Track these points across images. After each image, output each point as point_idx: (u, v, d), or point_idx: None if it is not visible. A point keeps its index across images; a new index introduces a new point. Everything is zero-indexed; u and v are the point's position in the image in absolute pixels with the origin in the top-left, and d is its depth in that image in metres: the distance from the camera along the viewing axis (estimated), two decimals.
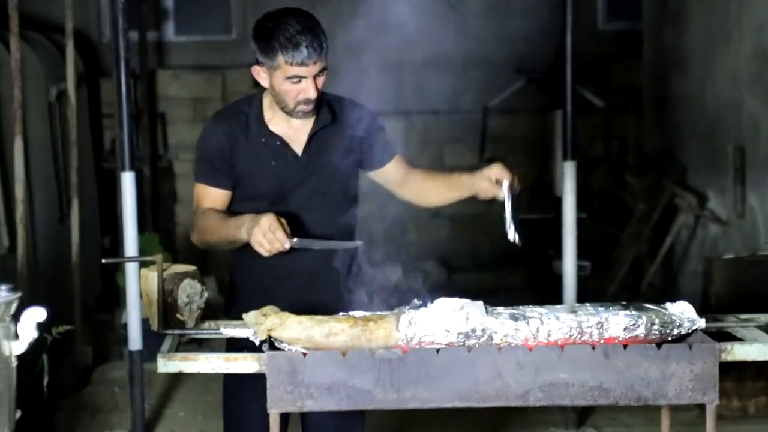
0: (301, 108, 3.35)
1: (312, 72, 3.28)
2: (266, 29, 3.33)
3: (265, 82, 3.38)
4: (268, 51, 3.31)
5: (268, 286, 3.43)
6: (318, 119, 3.45)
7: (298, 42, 3.24)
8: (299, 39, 3.24)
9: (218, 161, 3.41)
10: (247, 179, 3.41)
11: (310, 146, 3.44)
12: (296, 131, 3.45)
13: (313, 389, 2.87)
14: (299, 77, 3.28)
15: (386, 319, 2.96)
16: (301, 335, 2.92)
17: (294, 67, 3.26)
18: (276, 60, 3.29)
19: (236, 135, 3.41)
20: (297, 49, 3.24)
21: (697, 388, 2.91)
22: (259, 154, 3.41)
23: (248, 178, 3.41)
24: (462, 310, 2.93)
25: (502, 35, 8.91)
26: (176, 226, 8.66)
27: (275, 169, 3.41)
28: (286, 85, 3.31)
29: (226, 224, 3.29)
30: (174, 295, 3.10)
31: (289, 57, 3.26)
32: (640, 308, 3.01)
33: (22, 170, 5.38)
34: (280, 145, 3.42)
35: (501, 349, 2.90)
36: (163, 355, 2.97)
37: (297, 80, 3.29)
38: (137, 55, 8.10)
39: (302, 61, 3.25)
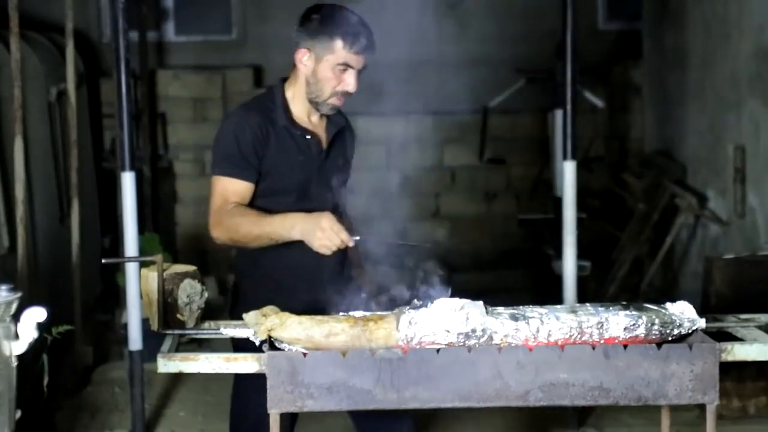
0: (333, 101, 3.40)
1: (359, 65, 3.35)
2: (326, 15, 3.36)
3: (305, 67, 3.40)
4: (323, 35, 3.34)
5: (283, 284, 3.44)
6: (333, 119, 3.51)
7: (359, 32, 3.32)
8: (360, 29, 3.32)
9: (248, 153, 3.37)
10: (274, 173, 3.41)
11: (332, 143, 3.50)
12: (316, 127, 3.49)
13: (314, 389, 2.87)
14: (348, 66, 3.33)
15: (386, 319, 2.96)
16: (301, 335, 2.92)
17: (349, 55, 3.32)
18: (332, 44, 3.33)
19: (266, 128, 3.41)
20: (357, 38, 3.31)
21: (697, 388, 2.91)
22: (287, 147, 3.42)
23: (276, 171, 3.41)
24: (462, 310, 2.93)
25: (502, 35, 8.92)
26: (176, 226, 8.66)
27: (301, 163, 3.43)
28: (331, 72, 3.35)
29: (269, 222, 3.28)
30: (174, 295, 3.10)
31: (348, 43, 3.31)
32: (640, 308, 3.01)
33: (22, 170, 5.38)
34: (308, 140, 3.45)
35: (501, 349, 2.90)
36: (163, 355, 2.97)
37: (343, 69, 3.34)
38: (137, 55, 8.10)
39: (359, 50, 3.32)
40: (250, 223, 3.30)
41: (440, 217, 8.87)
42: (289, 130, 3.42)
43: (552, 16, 5.87)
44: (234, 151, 3.37)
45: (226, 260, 8.72)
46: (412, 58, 8.69)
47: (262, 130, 3.38)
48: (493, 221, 8.84)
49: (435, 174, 8.84)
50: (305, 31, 3.39)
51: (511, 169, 8.75)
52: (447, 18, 8.89)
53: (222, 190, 3.38)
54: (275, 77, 9.93)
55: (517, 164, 8.68)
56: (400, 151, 8.65)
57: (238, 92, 8.69)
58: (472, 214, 8.85)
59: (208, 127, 8.67)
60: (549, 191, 7.72)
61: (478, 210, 8.90)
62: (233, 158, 3.37)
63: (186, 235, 8.65)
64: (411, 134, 8.71)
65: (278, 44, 8.86)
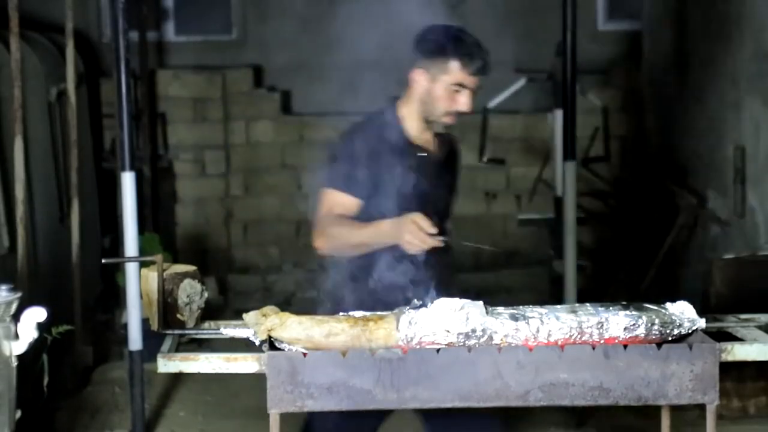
0: (446, 119, 3.50)
1: (473, 85, 3.47)
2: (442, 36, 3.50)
3: (420, 86, 3.49)
4: (439, 56, 3.45)
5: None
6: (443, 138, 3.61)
7: (474, 53, 3.45)
8: (475, 51, 3.46)
9: (359, 170, 3.46)
10: (387, 189, 3.46)
11: (443, 159, 3.59)
12: (428, 144, 3.57)
13: (314, 389, 2.87)
14: (462, 87, 3.44)
15: (386, 319, 2.96)
16: (301, 335, 2.92)
17: (464, 75, 3.44)
18: (448, 65, 3.44)
19: (377, 147, 3.47)
20: (473, 59, 3.44)
21: (697, 388, 2.91)
22: (401, 164, 3.46)
23: (388, 188, 3.46)
24: (462, 310, 2.93)
25: (502, 35, 8.90)
26: (176, 226, 8.66)
27: (415, 180, 3.47)
28: (446, 92, 3.45)
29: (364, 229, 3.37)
30: (174, 295, 3.10)
31: (464, 65, 3.43)
32: (640, 308, 3.01)
33: (22, 170, 5.38)
34: (420, 157, 3.51)
35: (501, 349, 2.90)
36: (163, 355, 2.97)
37: (457, 89, 3.44)
38: (137, 55, 8.10)
39: (474, 71, 3.44)
40: (348, 232, 3.41)
41: None
42: (402, 148, 3.49)
43: (552, 16, 5.88)
44: (345, 168, 3.48)
45: (226, 260, 8.73)
46: (412, 58, 8.70)
47: (374, 148, 3.47)
48: (493, 221, 8.84)
49: None
50: (421, 52, 3.50)
51: (511, 169, 8.75)
52: (447, 18, 8.88)
53: (329, 203, 3.50)
54: (275, 77, 9.94)
55: (517, 164, 8.68)
56: None
57: (238, 92, 8.70)
58: (472, 214, 8.84)
59: (208, 127, 8.67)
60: (549, 191, 7.72)
61: (478, 210, 8.90)
62: (343, 174, 3.48)
63: (186, 235, 8.65)
64: None
65: (278, 44, 8.89)
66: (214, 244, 8.74)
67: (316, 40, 7.88)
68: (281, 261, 8.78)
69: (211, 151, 8.69)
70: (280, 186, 8.76)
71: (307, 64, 8.46)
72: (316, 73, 7.97)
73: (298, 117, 8.79)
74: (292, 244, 8.79)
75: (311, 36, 8.32)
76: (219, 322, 3.24)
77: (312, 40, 8.28)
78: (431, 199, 3.52)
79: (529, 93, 7.90)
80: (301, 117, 8.76)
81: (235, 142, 8.73)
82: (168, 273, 3.11)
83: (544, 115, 7.79)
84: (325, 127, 8.58)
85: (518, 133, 8.80)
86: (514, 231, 8.58)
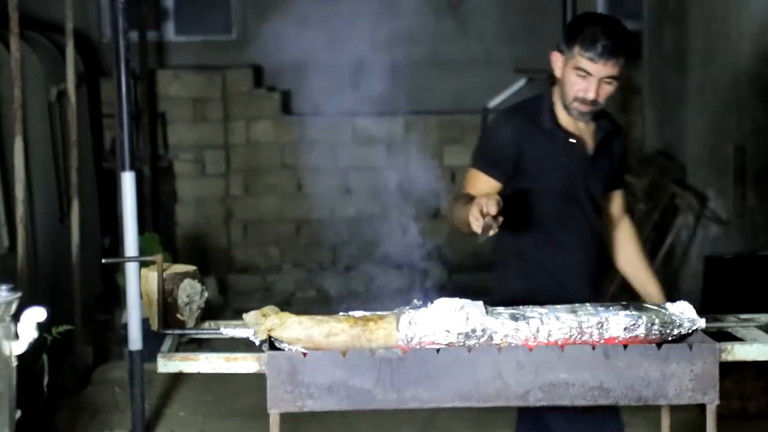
0: (576, 105, 3.46)
1: (598, 73, 3.38)
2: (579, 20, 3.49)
3: (558, 70, 3.49)
4: (570, 39, 3.43)
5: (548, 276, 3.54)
6: (601, 124, 3.57)
7: (597, 38, 3.36)
8: (599, 36, 3.36)
9: (501, 153, 3.50)
10: (535, 174, 3.50)
11: (597, 148, 3.56)
12: (582, 131, 3.56)
13: (314, 389, 2.87)
14: (586, 73, 3.39)
15: (386, 319, 2.96)
16: (301, 335, 2.92)
17: (584, 60, 3.38)
18: (573, 48, 3.40)
19: (527, 131, 3.50)
20: (593, 44, 3.36)
21: (697, 388, 2.91)
22: (550, 150, 3.50)
23: (537, 172, 3.50)
24: (462, 310, 2.93)
25: (502, 35, 8.91)
26: (176, 226, 8.66)
27: (565, 165, 3.51)
28: (572, 76, 3.42)
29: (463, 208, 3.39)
30: (174, 295, 3.10)
31: (584, 48, 3.37)
32: (640, 308, 3.01)
33: (22, 170, 5.38)
34: (571, 143, 3.51)
35: (501, 349, 2.90)
36: (163, 355, 2.97)
37: (583, 75, 3.40)
38: (137, 55, 8.10)
39: (593, 56, 3.36)
40: (456, 208, 3.45)
41: (440, 217, 8.86)
42: (553, 133, 3.51)
43: (552, 16, 5.88)
44: (489, 150, 3.55)
45: (226, 260, 8.73)
46: (412, 58, 8.70)
47: (523, 132, 3.50)
48: None
49: (435, 174, 8.83)
50: (564, 35, 3.50)
51: None
52: (447, 18, 8.89)
53: (467, 182, 3.56)
54: (275, 77, 9.96)
55: None
56: (400, 151, 8.65)
57: (238, 92, 8.69)
58: None
59: (208, 127, 8.67)
60: None
61: None
62: (487, 156, 3.54)
63: (186, 235, 8.65)
64: (411, 134, 8.70)
65: (278, 44, 8.88)
66: (214, 244, 8.74)
67: (316, 40, 7.87)
68: (281, 261, 8.78)
69: (211, 151, 8.69)
70: (280, 186, 8.76)
71: (307, 64, 8.45)
72: (316, 73, 7.97)
73: (298, 117, 8.79)
74: (292, 244, 8.79)
75: (311, 36, 8.31)
76: (219, 322, 3.23)
77: (312, 40, 8.27)
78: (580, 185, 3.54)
79: (529, 93, 7.90)
80: (301, 117, 8.76)
81: (235, 142, 8.73)
82: (168, 273, 3.11)
83: None
84: (325, 127, 8.61)
85: None
86: None
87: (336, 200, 8.29)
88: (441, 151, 8.86)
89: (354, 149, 8.46)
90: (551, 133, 3.51)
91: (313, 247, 8.74)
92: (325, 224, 8.22)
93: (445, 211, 3.58)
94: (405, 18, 5.01)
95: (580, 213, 3.55)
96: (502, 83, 7.72)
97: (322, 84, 6.38)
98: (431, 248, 8.42)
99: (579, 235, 3.56)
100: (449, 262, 8.61)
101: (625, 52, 3.40)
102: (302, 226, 8.75)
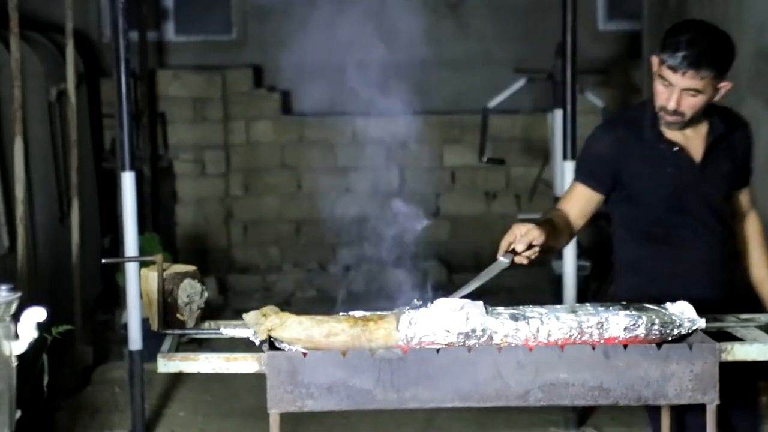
0: (661, 114, 3.38)
1: (679, 84, 3.29)
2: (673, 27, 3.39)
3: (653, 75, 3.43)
4: (661, 45, 3.36)
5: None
6: (713, 127, 3.48)
7: (679, 48, 3.27)
8: (681, 46, 3.27)
9: (598, 165, 3.47)
10: (638, 185, 3.46)
11: (708, 154, 3.48)
12: (688, 138, 3.48)
13: (313, 389, 2.87)
14: (668, 82, 3.31)
15: (386, 319, 2.96)
16: (301, 335, 2.92)
17: (665, 69, 3.31)
18: (660, 55, 3.34)
19: (628, 142, 3.46)
20: (674, 53, 3.28)
21: (697, 388, 2.91)
22: (654, 160, 3.44)
23: (640, 183, 3.46)
24: (462, 310, 2.92)
25: (502, 35, 8.91)
26: (176, 226, 8.66)
27: (670, 175, 3.44)
28: (658, 84, 3.36)
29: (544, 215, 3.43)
30: (174, 295, 3.10)
31: (665, 56, 3.30)
32: (640, 308, 3.01)
33: (22, 170, 5.38)
34: (676, 152, 3.45)
35: (501, 349, 2.90)
36: (163, 355, 2.97)
37: (666, 84, 3.32)
38: (137, 55, 8.10)
39: (673, 65, 3.28)
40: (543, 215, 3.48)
41: (440, 217, 8.87)
42: (655, 144, 3.45)
43: (552, 16, 5.88)
44: (587, 161, 3.52)
45: (226, 260, 8.74)
46: (412, 58, 8.69)
47: (623, 144, 3.45)
48: (493, 221, 8.84)
49: (435, 174, 8.84)
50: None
51: (511, 169, 8.76)
52: (447, 18, 8.89)
53: (568, 191, 3.57)
54: (275, 77, 9.95)
55: (516, 164, 8.69)
56: (400, 151, 8.66)
57: (238, 92, 8.70)
58: (472, 214, 8.85)
59: (208, 127, 8.67)
60: (549, 191, 7.72)
61: (478, 210, 8.90)
62: (584, 167, 3.52)
63: (186, 235, 8.65)
64: (411, 134, 8.71)
65: (278, 44, 8.88)
66: (214, 244, 8.74)
67: (316, 40, 7.88)
68: (281, 261, 8.78)
69: (211, 151, 8.69)
70: (280, 186, 8.77)
71: (307, 64, 8.46)
72: (316, 73, 7.97)
73: (298, 117, 8.80)
74: (292, 244, 8.80)
75: (311, 36, 8.32)
76: (219, 322, 3.23)
77: (312, 40, 8.28)
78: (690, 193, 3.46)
79: (529, 93, 7.90)
80: (301, 117, 8.77)
81: (235, 142, 8.74)
82: (168, 273, 3.10)
83: (544, 115, 7.79)
84: (325, 127, 8.62)
85: (518, 133, 8.81)
86: None
87: (336, 200, 8.30)
88: (441, 151, 8.87)
89: (354, 149, 8.46)
90: (653, 143, 3.44)
91: (313, 247, 8.75)
92: (325, 224, 8.23)
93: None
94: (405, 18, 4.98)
95: (693, 221, 3.47)
96: (502, 83, 7.72)
97: (322, 84, 6.39)
98: (431, 248, 8.44)
99: (693, 243, 3.47)
100: (449, 262, 8.61)
101: (711, 65, 3.26)
102: (302, 226, 8.75)
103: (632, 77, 8.65)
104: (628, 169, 3.45)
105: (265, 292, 8.35)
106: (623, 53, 8.99)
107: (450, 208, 8.89)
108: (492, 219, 8.87)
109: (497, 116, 8.15)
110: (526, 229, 3.17)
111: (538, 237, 3.15)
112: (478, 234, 8.84)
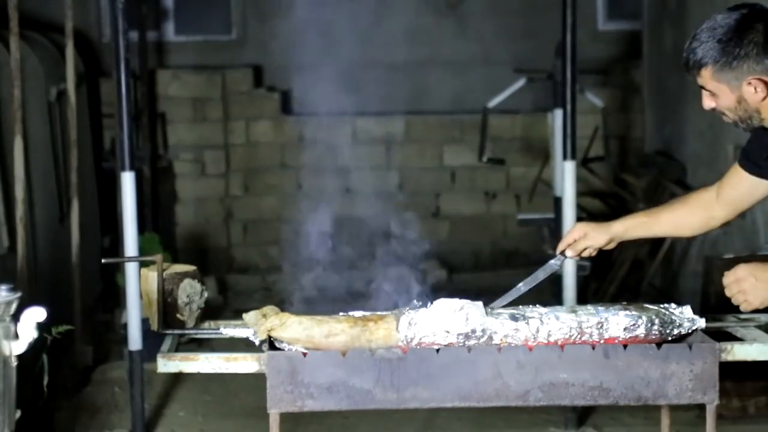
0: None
1: (697, 82, 3.04)
2: None
3: None
4: None
5: None
6: None
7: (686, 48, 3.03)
8: (687, 46, 3.01)
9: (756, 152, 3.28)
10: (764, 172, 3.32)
11: None
12: None
13: (313, 389, 2.87)
14: None
15: (386, 319, 2.96)
16: (301, 335, 2.92)
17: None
18: None
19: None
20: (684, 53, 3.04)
21: (697, 388, 2.91)
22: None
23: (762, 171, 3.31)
24: (462, 310, 2.93)
25: (502, 35, 8.91)
26: (176, 226, 8.66)
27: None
28: None
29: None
30: (174, 295, 3.10)
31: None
32: (640, 308, 3.01)
33: (22, 170, 5.38)
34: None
35: (501, 349, 2.90)
36: (163, 355, 2.97)
37: None
38: (137, 55, 8.10)
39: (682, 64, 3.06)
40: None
41: (440, 217, 8.87)
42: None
43: (552, 16, 5.87)
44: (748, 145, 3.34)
45: (226, 260, 8.73)
46: (412, 58, 8.70)
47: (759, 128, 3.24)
48: (492, 221, 8.84)
49: (435, 174, 8.84)
50: None
51: (511, 169, 8.75)
52: (447, 18, 8.89)
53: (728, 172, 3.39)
54: (275, 77, 9.94)
55: (516, 164, 8.68)
56: (400, 151, 8.66)
57: (237, 92, 8.70)
58: (472, 214, 8.85)
59: (208, 127, 8.67)
60: (549, 191, 7.72)
61: (478, 210, 8.90)
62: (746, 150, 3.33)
63: (186, 235, 8.65)
64: (411, 134, 8.71)
65: (278, 44, 8.88)
66: (214, 244, 8.74)
67: (316, 40, 7.88)
68: (281, 261, 8.78)
69: (211, 151, 8.69)
70: (279, 186, 8.76)
71: (307, 64, 8.46)
72: (316, 73, 7.97)
73: (298, 117, 8.80)
74: (292, 244, 8.79)
75: (311, 36, 8.32)
76: (219, 322, 3.24)
77: (311, 40, 8.28)
78: None
79: (528, 93, 7.90)
80: (301, 117, 8.77)
81: (235, 142, 8.74)
82: (168, 273, 3.11)
83: (544, 115, 7.79)
84: (325, 127, 8.61)
85: (518, 133, 8.80)
86: (514, 231, 8.59)
87: (336, 200, 8.30)
88: (441, 151, 8.86)
89: (354, 149, 8.46)
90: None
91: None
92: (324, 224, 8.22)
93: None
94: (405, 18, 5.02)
95: None
96: (502, 83, 7.72)
97: (322, 84, 6.39)
98: (431, 248, 8.44)
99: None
100: (449, 262, 8.61)
101: (697, 61, 2.96)
102: (302, 226, 8.75)
103: (632, 77, 8.65)
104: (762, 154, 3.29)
105: (265, 292, 8.35)
106: (623, 53, 8.99)
107: (450, 208, 8.89)
108: (492, 219, 8.87)
109: (497, 116, 8.14)
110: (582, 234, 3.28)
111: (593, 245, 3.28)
112: (477, 234, 8.84)
